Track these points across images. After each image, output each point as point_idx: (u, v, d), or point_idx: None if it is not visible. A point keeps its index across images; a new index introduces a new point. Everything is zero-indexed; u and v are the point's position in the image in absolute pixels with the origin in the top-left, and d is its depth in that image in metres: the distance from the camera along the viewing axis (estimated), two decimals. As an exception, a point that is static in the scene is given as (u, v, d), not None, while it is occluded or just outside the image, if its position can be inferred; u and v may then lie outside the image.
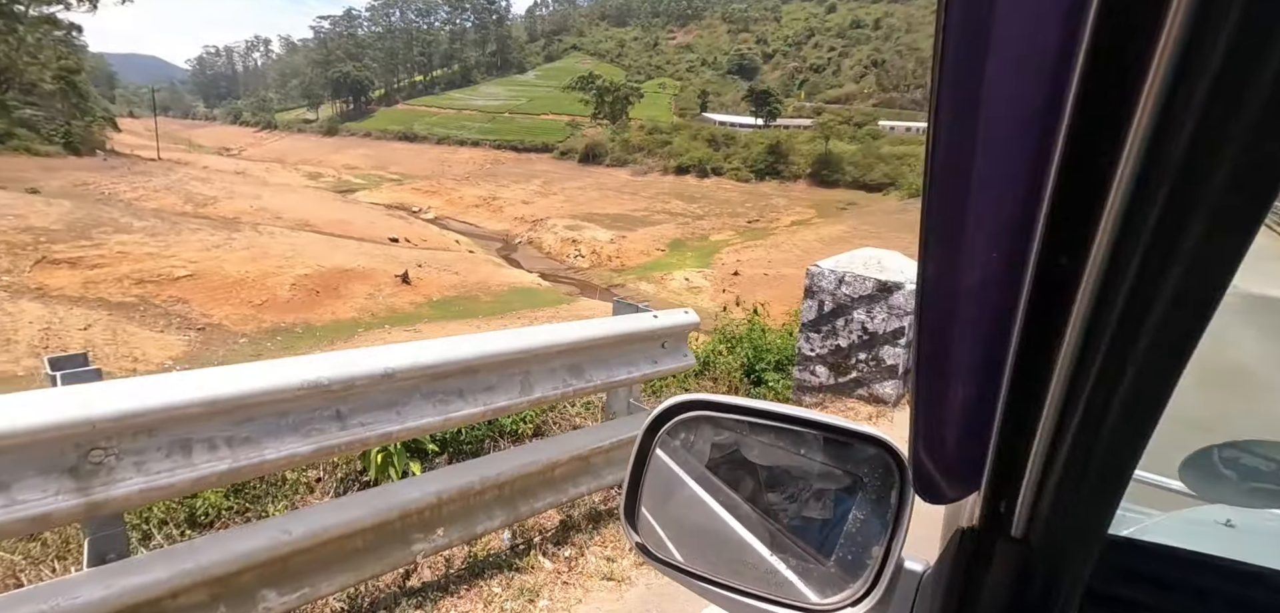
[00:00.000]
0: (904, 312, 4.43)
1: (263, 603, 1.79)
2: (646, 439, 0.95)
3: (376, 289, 30.85)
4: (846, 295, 4.63)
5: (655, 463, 0.96)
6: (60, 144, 41.63)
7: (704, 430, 0.97)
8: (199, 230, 31.30)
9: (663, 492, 0.96)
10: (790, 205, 55.37)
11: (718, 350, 5.04)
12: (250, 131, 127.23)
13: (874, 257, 4.71)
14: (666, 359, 2.97)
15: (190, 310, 24.47)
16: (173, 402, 1.55)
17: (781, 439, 0.89)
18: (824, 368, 4.81)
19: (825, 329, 4.77)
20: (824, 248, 40.26)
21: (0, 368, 15.56)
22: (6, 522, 1.33)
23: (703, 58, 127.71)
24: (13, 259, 23.37)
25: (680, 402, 0.94)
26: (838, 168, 58.44)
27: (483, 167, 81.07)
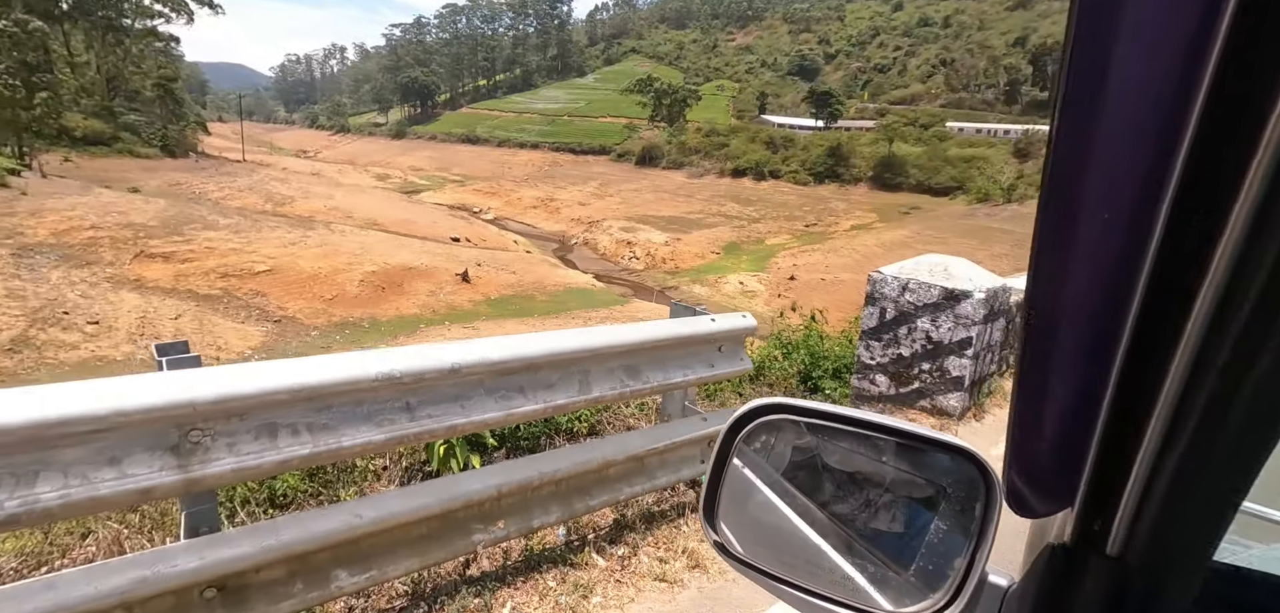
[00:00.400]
0: (971, 322, 4.26)
1: (335, 582, 1.90)
2: (727, 440, 0.96)
3: (438, 287, 31.94)
4: (910, 303, 4.49)
5: (735, 464, 0.98)
6: (158, 147, 44.99)
7: (784, 434, 0.98)
8: (277, 228, 33.19)
9: (741, 493, 0.98)
10: (850, 209, 54.00)
11: (773, 355, 4.98)
12: (325, 135, 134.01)
13: (940, 263, 4.55)
14: (723, 363, 2.96)
15: (268, 303, 25.97)
16: (263, 388, 1.66)
17: (863, 446, 0.89)
18: (884, 377, 4.68)
19: (887, 337, 4.64)
20: (884, 254, 39.04)
21: (102, 352, 16.99)
22: (118, 493, 1.46)
23: (762, 59, 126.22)
24: (116, 252, 25.38)
25: (761, 405, 0.96)
26: (901, 171, 56.59)
27: (541, 168, 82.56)
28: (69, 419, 1.40)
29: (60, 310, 17.90)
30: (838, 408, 0.90)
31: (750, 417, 0.96)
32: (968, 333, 4.33)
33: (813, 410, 0.93)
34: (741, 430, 0.97)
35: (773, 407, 0.95)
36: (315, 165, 79.90)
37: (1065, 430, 0.50)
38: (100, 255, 24.76)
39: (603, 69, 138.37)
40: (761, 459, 1.00)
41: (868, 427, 0.86)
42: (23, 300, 17.77)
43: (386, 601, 2.22)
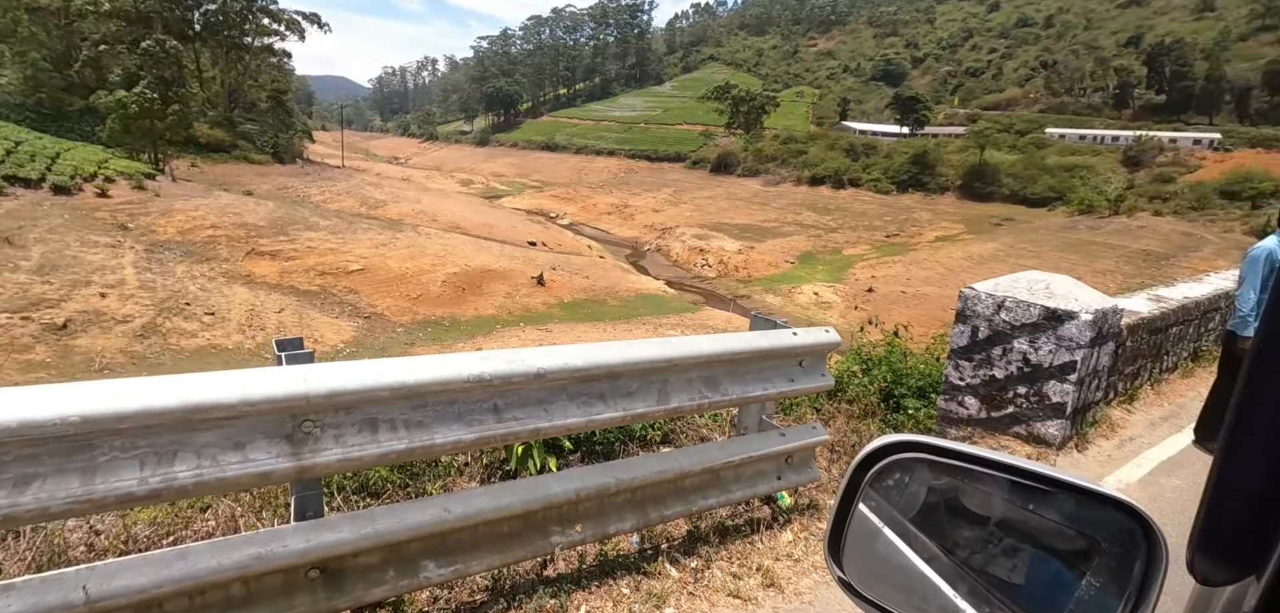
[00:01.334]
0: (1076, 345, 3.96)
1: (424, 572, 2.01)
2: (857, 475, 0.94)
3: (514, 289, 32.95)
4: (1006, 323, 4.23)
5: (864, 500, 0.95)
6: (269, 153, 48.91)
7: (918, 473, 0.95)
8: (369, 230, 35.31)
9: (869, 530, 0.95)
10: (935, 219, 51.54)
11: (851, 371, 4.81)
12: (415, 142, 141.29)
13: (1041, 281, 4.26)
14: (803, 378, 2.90)
15: (360, 301, 27.63)
16: (367, 385, 1.78)
17: (1008, 491, 0.85)
18: (974, 399, 4.42)
19: (978, 357, 4.39)
20: (972, 267, 36.96)
21: (216, 341, 18.63)
22: (242, 475, 1.61)
23: (845, 64, 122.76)
24: (231, 250, 27.78)
25: (895, 441, 0.93)
26: (993, 180, 53.49)
27: (616, 175, 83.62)
28: (207, 406, 1.55)
29: (182, 301, 19.77)
30: (980, 450, 0.87)
31: (882, 453, 0.93)
32: (1071, 357, 4.03)
33: (953, 451, 0.89)
34: (873, 466, 0.93)
35: (907, 444, 0.92)
36: (405, 171, 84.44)
37: (1273, 490, 0.45)
38: (217, 252, 27.15)
39: (680, 76, 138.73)
40: (893, 497, 0.96)
41: (1015, 472, 0.82)
42: (152, 292, 19.76)
43: (468, 594, 2.31)
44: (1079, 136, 64.84)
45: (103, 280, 18.93)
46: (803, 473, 3.12)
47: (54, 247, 20.47)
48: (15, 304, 15.73)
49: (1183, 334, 6.22)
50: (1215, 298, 6.57)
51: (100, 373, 13.57)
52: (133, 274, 20.60)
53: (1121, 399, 5.17)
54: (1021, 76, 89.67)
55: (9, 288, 16.43)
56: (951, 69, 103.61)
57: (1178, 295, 6.16)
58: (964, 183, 55.38)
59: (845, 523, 0.95)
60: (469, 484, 3.13)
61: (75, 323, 15.94)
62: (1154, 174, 47.76)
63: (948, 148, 61.31)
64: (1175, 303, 5.86)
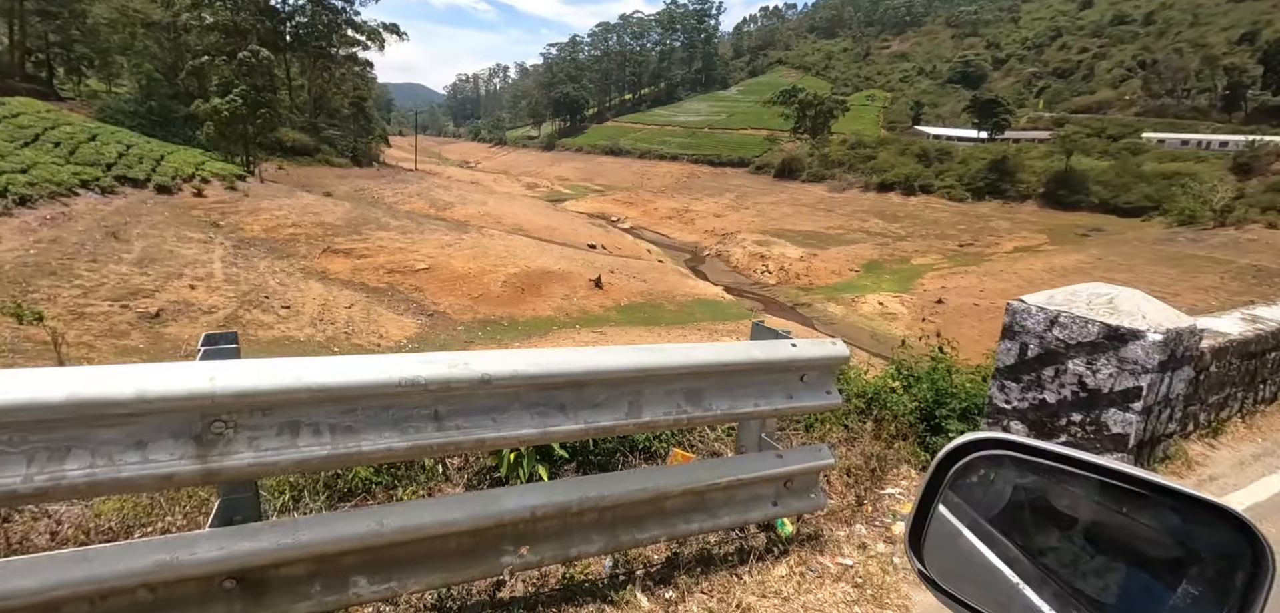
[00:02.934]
0: (1142, 368, 3.46)
1: (354, 587, 1.88)
2: (940, 470, 0.93)
3: (572, 291, 33.30)
4: (1059, 340, 3.75)
5: (946, 497, 0.94)
6: (348, 157, 51.59)
7: (1006, 471, 0.94)
8: (437, 230, 36.57)
9: (951, 527, 0.92)
10: (1014, 229, 48.60)
11: (888, 386, 4.43)
12: (485, 147, 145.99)
13: (1104, 294, 3.77)
14: (805, 395, 2.61)
15: (424, 299, 28.59)
16: (285, 385, 1.67)
17: (1102, 495, 0.80)
18: (1022, 425, 3.95)
19: (1027, 378, 3.91)
20: (1052, 279, 34.54)
21: (289, 332, 19.67)
22: (140, 477, 1.53)
23: (920, 67, 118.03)
24: (309, 247, 29.35)
25: (979, 438, 0.89)
26: (1080, 187, 49.94)
27: (679, 180, 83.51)
28: (98, 401, 1.47)
29: (262, 295, 21.00)
30: (1071, 450, 0.82)
31: (966, 449, 0.91)
32: (1136, 382, 3.51)
33: (1041, 449, 0.86)
34: (957, 462, 0.92)
35: (992, 441, 0.89)
36: (474, 175, 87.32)
37: None
38: (297, 249, 28.74)
39: (747, 81, 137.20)
40: (976, 495, 0.92)
41: (1109, 475, 0.79)
42: (236, 285, 21.10)
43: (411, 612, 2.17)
44: (1181, 141, 59.65)
45: (193, 273, 20.39)
46: (804, 500, 2.81)
47: (154, 241, 22.23)
48: (117, 293, 17.19)
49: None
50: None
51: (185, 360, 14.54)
52: (220, 268, 22.07)
53: (1203, 432, 4.58)
54: (1116, 77, 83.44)
55: (112, 278, 17.98)
56: (1037, 70, 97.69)
57: (1275, 315, 5.42)
58: (1047, 190, 51.98)
59: (926, 519, 0.94)
60: (454, 490, 3.01)
61: (166, 312, 17.23)
62: (1268, 182, 43.17)
63: (1030, 153, 57.73)
64: (1274, 323, 5.16)
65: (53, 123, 30.05)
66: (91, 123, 33.42)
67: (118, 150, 29.71)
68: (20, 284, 15.93)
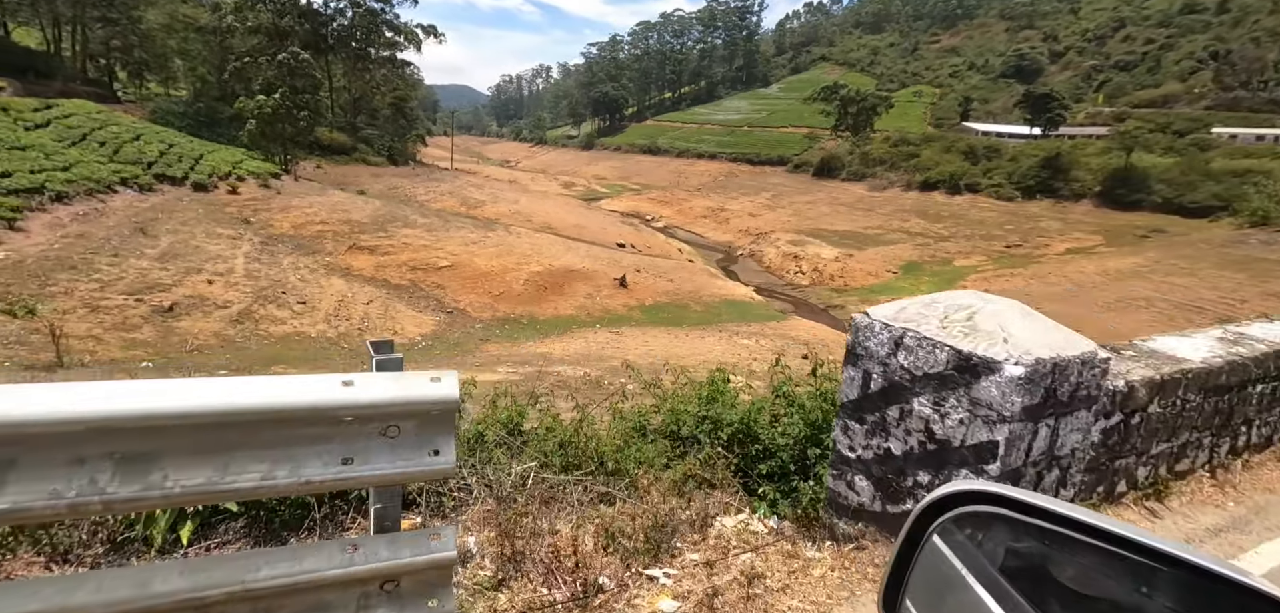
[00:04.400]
0: (998, 415, 2.53)
1: None
2: (919, 525, 0.82)
3: (596, 290, 32.99)
4: (904, 370, 2.77)
5: (929, 554, 0.81)
6: (384, 156, 52.68)
7: (997, 530, 0.80)
8: (463, 228, 36.83)
9: (935, 589, 0.81)
10: (1066, 229, 46.03)
11: (757, 420, 3.49)
12: (526, 146, 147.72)
13: (965, 306, 2.84)
14: (380, 458, 1.69)
15: (445, 296, 28.72)
16: None
17: (1113, 567, 0.71)
18: (867, 482, 2.98)
19: (871, 419, 2.95)
20: (1106, 283, 32.45)
21: (302, 328, 19.92)
22: None
23: (971, 61, 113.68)
24: (335, 244, 29.88)
25: (965, 490, 0.80)
26: (1141, 186, 46.93)
27: (717, 179, 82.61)
28: None
29: (279, 291, 21.37)
30: (1076, 511, 0.72)
31: (952, 502, 0.81)
32: (991, 435, 2.55)
33: (1040, 508, 0.74)
34: (939, 517, 0.82)
35: (981, 495, 0.80)
36: (512, 174, 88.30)
37: None
38: (323, 246, 29.29)
39: (788, 78, 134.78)
40: (965, 554, 0.81)
41: (1125, 544, 0.67)
42: (256, 281, 21.53)
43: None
44: (1255, 137, 55.42)
45: (213, 268, 20.91)
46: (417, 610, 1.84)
47: (181, 237, 22.93)
48: (134, 287, 17.72)
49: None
50: None
51: (192, 354, 14.90)
52: (242, 264, 22.59)
53: (1142, 495, 3.52)
54: (1185, 69, 78.32)
55: (131, 272, 18.56)
56: (1097, 63, 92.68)
57: (1269, 335, 4.27)
58: (1104, 189, 49.06)
59: (904, 578, 0.84)
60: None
61: (181, 306, 17.66)
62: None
63: (1085, 150, 54.62)
64: (1263, 346, 4.06)
65: (102, 123, 31.50)
66: (140, 123, 34.93)
67: (159, 149, 30.93)
68: (40, 277, 16.60)
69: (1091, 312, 27.97)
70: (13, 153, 23.29)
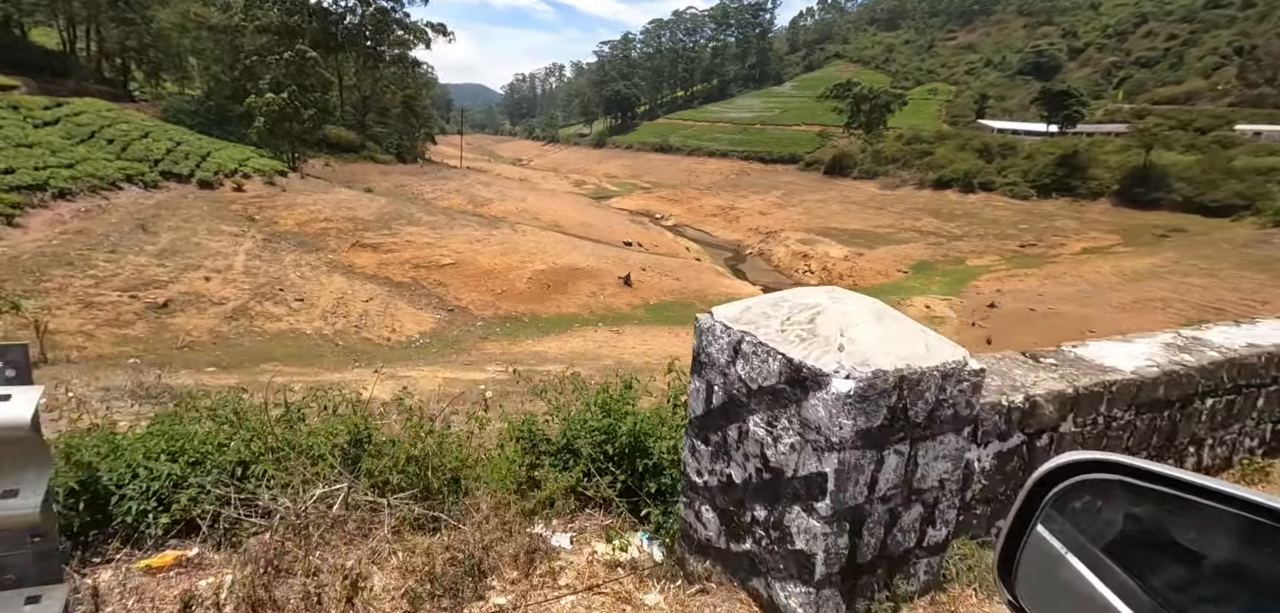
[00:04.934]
0: (826, 442, 2.07)
1: None
2: (1037, 491, 0.83)
3: (600, 289, 32.76)
4: (741, 381, 2.33)
5: (1045, 521, 0.85)
6: (393, 154, 52.82)
7: (1115, 496, 0.83)
8: (467, 226, 36.75)
9: (1051, 555, 0.83)
10: (1082, 229, 45.04)
11: (652, 431, 3.02)
12: (538, 145, 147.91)
13: (810, 305, 2.38)
14: None
15: (447, 294, 28.62)
16: None
17: (1239, 532, 0.70)
18: (712, 513, 2.56)
19: (715, 439, 2.52)
20: (1121, 284, 31.62)
21: (297, 325, 19.84)
22: None
23: (988, 58, 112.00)
24: (338, 242, 29.91)
25: (1086, 459, 0.81)
26: (1160, 184, 45.81)
27: (728, 177, 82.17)
28: None
29: (277, 288, 21.34)
30: (1201, 478, 0.72)
31: (1067, 471, 0.82)
32: (820, 465, 2.10)
33: (1162, 475, 0.74)
34: (1057, 484, 0.82)
35: (1100, 463, 0.81)
36: (523, 172, 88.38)
37: None
38: (327, 244, 29.32)
39: (801, 76, 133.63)
40: (1081, 521, 0.83)
41: (1256, 511, 0.66)
42: (254, 278, 21.53)
43: None
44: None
45: (212, 265, 20.94)
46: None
47: (183, 234, 23.03)
48: (129, 284, 17.76)
49: (1241, 409, 3.64)
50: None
51: (183, 351, 14.87)
52: (242, 261, 22.62)
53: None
54: (1208, 65, 76.43)
55: (128, 269, 18.62)
56: (1118, 59, 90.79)
57: (1228, 341, 3.64)
58: (1122, 188, 47.96)
59: (1019, 545, 0.85)
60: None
61: (175, 303, 17.67)
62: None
63: (1104, 148, 53.45)
64: (1215, 354, 3.47)
65: (111, 121, 31.79)
66: (149, 121, 35.23)
67: (166, 147, 31.16)
68: (35, 273, 16.67)
69: (1105, 312, 27.23)
70: (19, 150, 23.54)
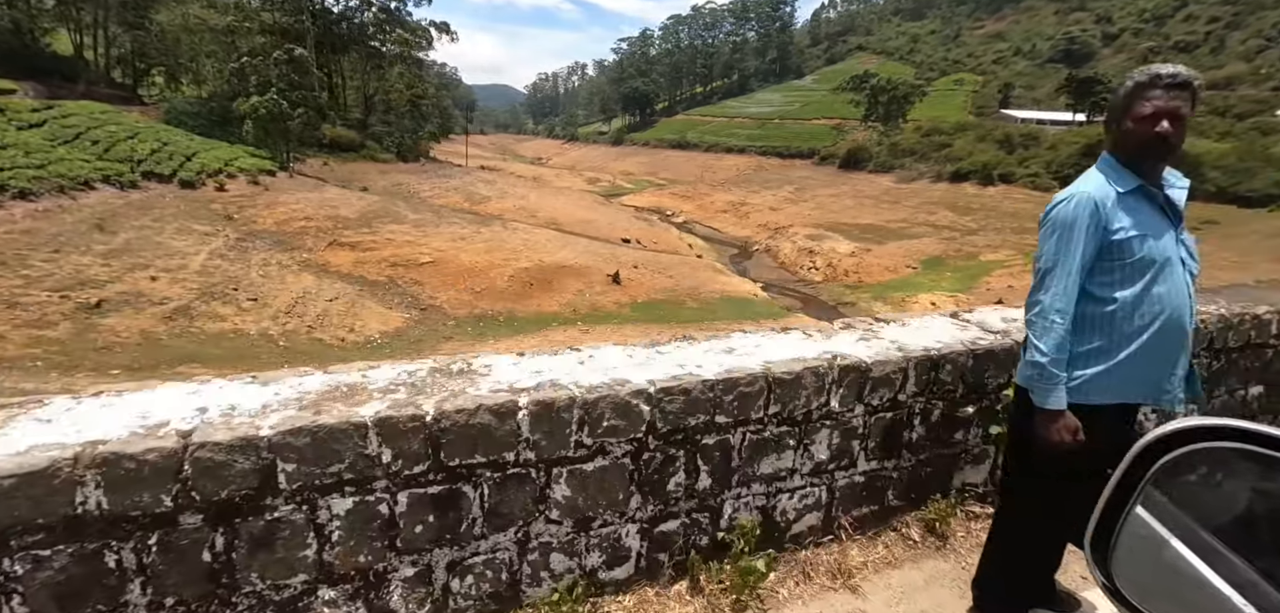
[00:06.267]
0: None
1: None
2: (1140, 463, 0.76)
3: (588, 287, 31.76)
4: None
5: (1150, 495, 0.76)
6: (393, 153, 52.60)
7: (1238, 469, 0.73)
8: (456, 223, 36.06)
9: (1154, 536, 0.76)
10: (1107, 222, 42.40)
11: None
12: (558, 143, 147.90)
13: None
14: None
15: (422, 292, 27.92)
16: None
17: None
18: None
19: None
20: (1137, 281, 29.33)
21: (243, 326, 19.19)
22: None
23: (1017, 47, 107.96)
24: (316, 240, 29.46)
25: (1198, 426, 0.73)
26: (1192, 173, 41.78)
27: (744, 173, 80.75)
28: None
29: (232, 287, 20.81)
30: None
31: (1176, 440, 0.73)
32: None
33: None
34: (1165, 455, 0.74)
35: (1215, 429, 0.72)
36: (537, 170, 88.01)
37: None
38: (304, 242, 28.89)
39: (823, 69, 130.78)
40: (1192, 498, 0.76)
41: None
42: (208, 277, 21.04)
43: None
44: (1330, 118, 50.20)
45: (164, 264, 20.50)
46: None
47: (145, 233, 22.71)
48: (64, 284, 17.36)
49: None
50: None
51: (101, 353, 14.29)
52: (202, 260, 22.18)
53: None
54: (1251, 49, 72.04)
55: (66, 269, 18.23)
56: (1155, 45, 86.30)
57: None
58: (1152, 178, 45.09)
59: (1118, 523, 0.77)
60: None
61: (110, 303, 17.21)
62: None
63: (1132, 136, 50.45)
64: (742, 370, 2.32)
65: (101, 123, 31.93)
66: (142, 123, 35.38)
67: (151, 147, 31.15)
68: (-43, 273, 16.37)
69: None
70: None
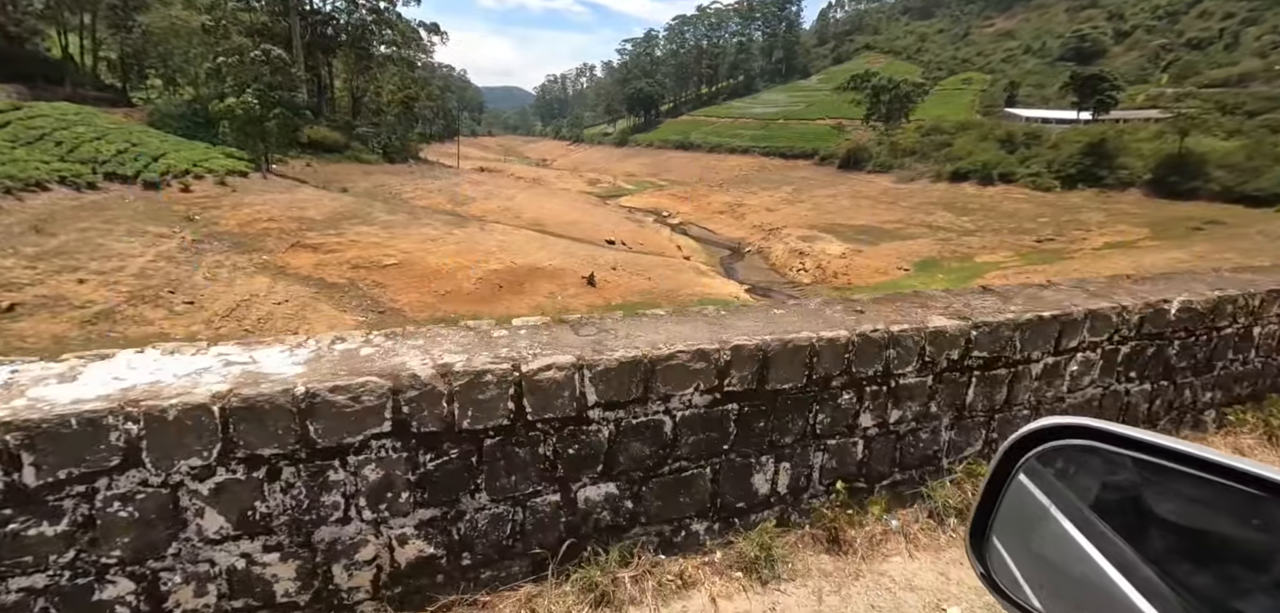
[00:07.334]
0: None
1: None
2: (1008, 460, 0.84)
3: (560, 289, 30.84)
4: None
5: (1017, 489, 0.84)
6: (379, 154, 52.05)
7: (1091, 464, 0.81)
8: (428, 224, 35.30)
9: (1023, 523, 0.84)
10: (1108, 221, 40.85)
11: None
12: (563, 145, 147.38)
13: None
14: None
15: (383, 295, 27.12)
16: None
17: (1220, 500, 0.68)
18: None
19: None
20: (1128, 284, 27.91)
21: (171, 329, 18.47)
22: None
23: (1027, 45, 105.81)
24: (278, 242, 28.78)
25: (1059, 424, 0.79)
26: (1198, 172, 41.26)
27: (745, 173, 79.69)
28: None
29: (169, 290, 20.12)
30: (1175, 442, 0.70)
31: (1042, 437, 0.80)
32: None
33: (1136, 441, 0.72)
34: (1029, 452, 0.82)
35: (1074, 428, 0.78)
36: (537, 172, 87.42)
37: None
38: (264, 244, 28.22)
39: (829, 69, 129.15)
40: (1055, 490, 0.82)
41: (1239, 478, 0.63)
42: (145, 280, 20.37)
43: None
44: (1348, 114, 48.16)
45: (98, 267, 19.88)
46: None
47: (89, 235, 22.14)
48: (-21, 286, 16.79)
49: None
50: None
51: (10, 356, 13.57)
52: (144, 262, 21.54)
53: None
54: (1266, 45, 69.64)
55: (-15, 270, 17.68)
56: (1167, 41, 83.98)
57: None
58: (1156, 177, 43.49)
59: (991, 513, 0.85)
60: None
61: (26, 306, 16.60)
62: None
63: (1137, 135, 48.79)
64: None
65: (69, 124, 31.58)
66: (113, 123, 35.02)
67: (117, 148, 30.73)
68: None
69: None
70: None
